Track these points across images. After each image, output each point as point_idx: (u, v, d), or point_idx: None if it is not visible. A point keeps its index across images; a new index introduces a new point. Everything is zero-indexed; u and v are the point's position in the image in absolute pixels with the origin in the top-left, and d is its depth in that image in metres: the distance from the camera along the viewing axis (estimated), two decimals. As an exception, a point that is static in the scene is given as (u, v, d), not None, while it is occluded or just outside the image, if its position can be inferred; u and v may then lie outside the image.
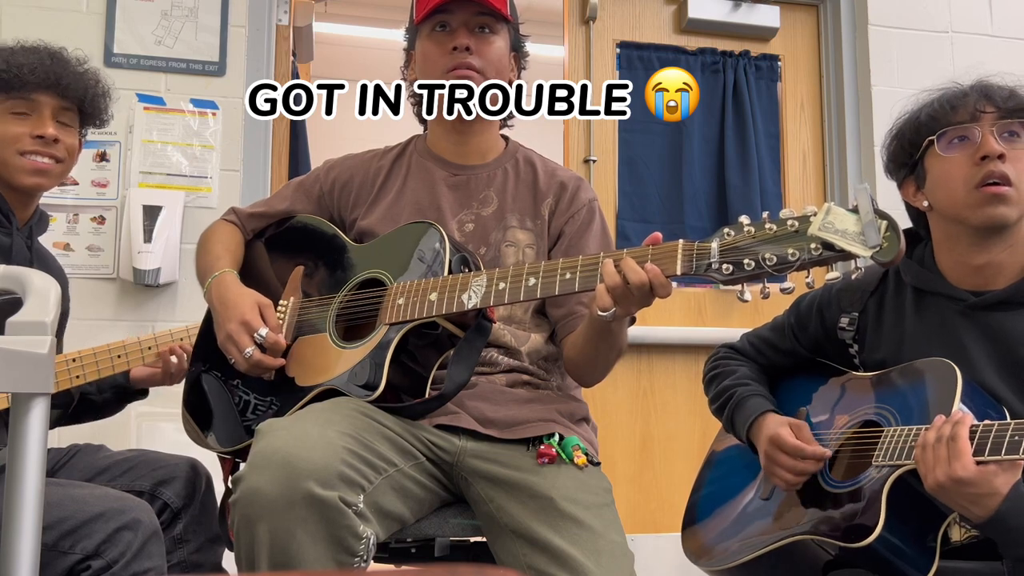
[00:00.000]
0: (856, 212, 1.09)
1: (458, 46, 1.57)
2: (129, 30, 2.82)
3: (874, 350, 1.53)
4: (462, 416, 1.44)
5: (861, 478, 1.39)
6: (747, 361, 1.70)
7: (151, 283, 2.66)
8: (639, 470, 3.11)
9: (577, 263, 1.28)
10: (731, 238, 1.16)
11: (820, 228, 1.09)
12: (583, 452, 1.43)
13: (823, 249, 1.09)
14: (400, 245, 1.50)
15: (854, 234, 1.08)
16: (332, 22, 4.47)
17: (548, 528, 1.32)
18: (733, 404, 1.62)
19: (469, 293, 1.35)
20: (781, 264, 1.12)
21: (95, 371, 1.73)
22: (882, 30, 3.29)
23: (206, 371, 1.62)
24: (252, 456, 1.24)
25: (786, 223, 1.12)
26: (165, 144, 2.80)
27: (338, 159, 1.74)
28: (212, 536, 1.65)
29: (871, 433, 1.43)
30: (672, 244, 1.21)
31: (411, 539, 1.46)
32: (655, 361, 3.19)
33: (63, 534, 1.37)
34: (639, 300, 1.24)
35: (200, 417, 1.59)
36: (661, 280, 1.21)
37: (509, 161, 1.67)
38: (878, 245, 1.07)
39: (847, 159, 3.29)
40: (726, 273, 1.15)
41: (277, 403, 1.48)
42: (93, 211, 2.74)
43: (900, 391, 1.44)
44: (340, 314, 1.50)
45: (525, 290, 1.31)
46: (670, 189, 3.26)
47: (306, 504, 1.17)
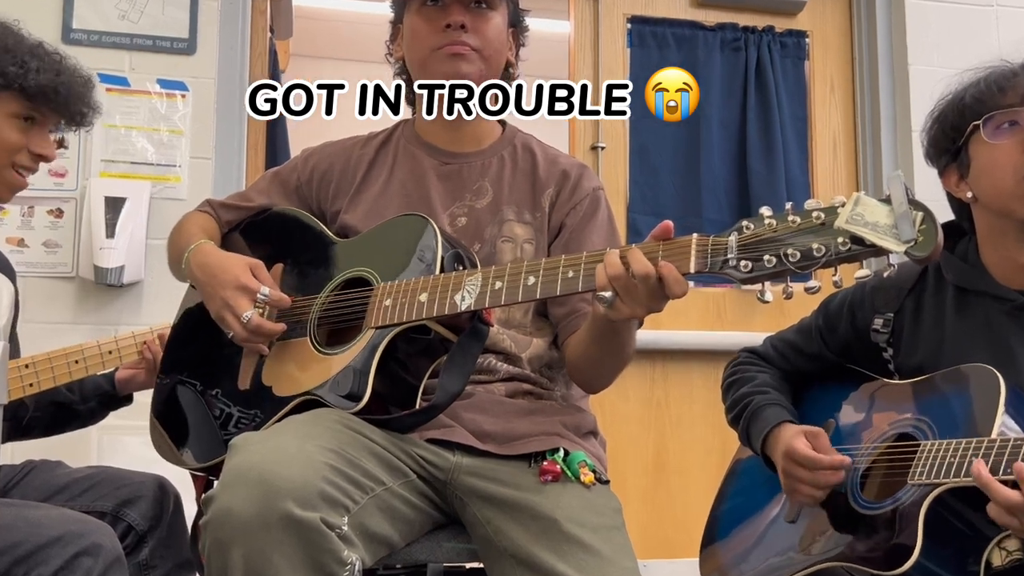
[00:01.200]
0: (888, 203, 1.08)
1: (452, 23, 1.57)
2: (90, 4, 2.81)
3: (911, 354, 1.52)
4: (457, 430, 1.43)
5: (895, 499, 1.37)
6: (769, 367, 1.70)
7: (114, 282, 2.66)
8: (652, 489, 3.11)
9: (580, 260, 1.28)
10: (750, 232, 1.15)
11: (848, 220, 1.08)
12: (590, 469, 1.43)
13: (852, 244, 1.08)
14: (388, 241, 1.50)
15: (886, 227, 1.07)
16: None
17: (551, 553, 1.31)
18: (749, 414, 1.61)
19: (463, 293, 1.34)
20: (805, 260, 1.11)
21: (50, 378, 1.73)
22: (920, 4, 3.29)
23: (179, 380, 1.62)
24: (225, 473, 1.23)
25: (811, 215, 1.11)
26: (129, 129, 2.80)
27: (317, 147, 1.74)
28: (181, 561, 1.65)
29: (906, 448, 1.41)
30: (685, 239, 1.20)
31: (400, 565, 1.45)
32: (670, 368, 3.19)
33: (16, 560, 1.37)
34: (646, 296, 1.22)
35: (172, 430, 1.59)
36: (675, 275, 1.19)
37: (506, 148, 1.66)
38: (912, 239, 1.06)
39: (881, 145, 3.29)
40: (744, 271, 1.14)
41: (253, 414, 1.48)
42: (50, 203, 2.74)
43: (937, 401, 1.43)
44: (322, 316, 1.50)
45: (524, 290, 1.31)
46: (686, 178, 3.26)
47: (283, 526, 1.17)
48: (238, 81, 2.94)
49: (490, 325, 1.45)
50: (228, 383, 1.55)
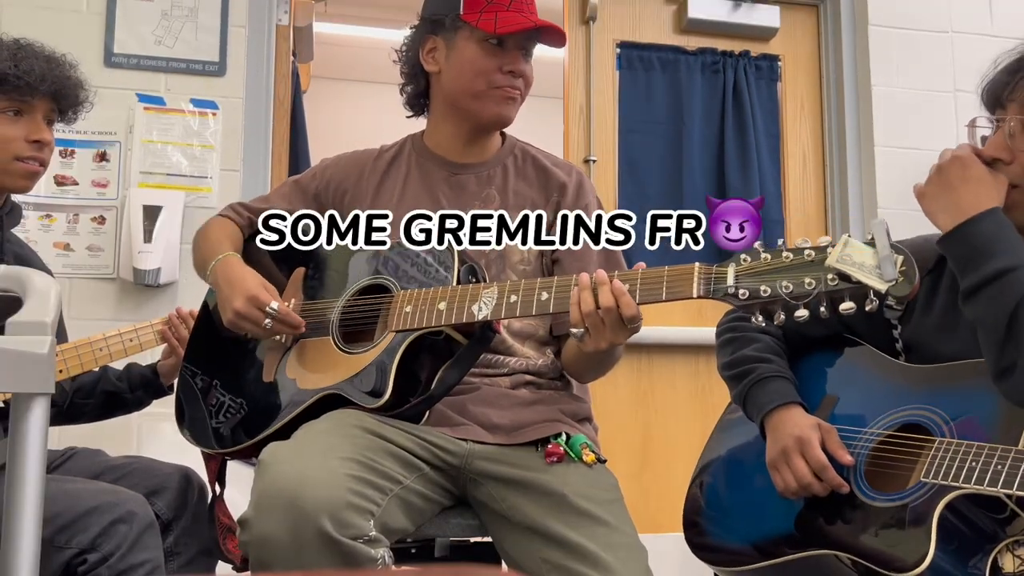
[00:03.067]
0: (873, 245, 1.11)
1: (515, 71, 1.56)
2: (129, 30, 2.81)
3: (918, 332, 1.40)
4: (469, 427, 1.44)
5: (905, 494, 1.25)
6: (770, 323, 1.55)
7: (151, 283, 2.66)
8: (639, 470, 3.11)
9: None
10: (747, 264, 1.17)
11: (838, 260, 1.10)
12: (591, 450, 1.45)
13: (840, 280, 1.11)
14: (406, 251, 1.49)
15: (871, 267, 1.10)
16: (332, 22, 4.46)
17: (563, 524, 1.32)
18: (752, 380, 1.47)
19: (479, 304, 1.35)
20: (798, 293, 1.13)
21: (77, 365, 1.72)
22: (882, 30, 3.29)
23: (205, 371, 1.61)
24: (257, 496, 1.23)
25: (803, 252, 1.14)
26: (165, 144, 2.80)
27: (333, 158, 1.73)
28: (204, 548, 1.62)
29: (915, 440, 1.29)
30: (687, 268, 1.22)
31: (411, 539, 1.45)
32: (655, 361, 3.19)
33: (58, 529, 1.37)
34: (610, 331, 1.25)
35: (195, 418, 1.58)
36: (626, 300, 1.23)
37: (508, 157, 1.66)
38: (894, 279, 1.08)
39: (847, 159, 3.28)
40: (743, 298, 1.16)
41: (278, 405, 1.48)
42: (93, 211, 2.74)
43: (954, 394, 1.30)
44: (343, 318, 1.50)
45: (537, 304, 1.32)
46: (670, 189, 3.26)
47: (318, 545, 1.17)
48: (264, 100, 2.94)
49: (497, 332, 1.46)
50: (253, 375, 1.54)
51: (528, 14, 1.55)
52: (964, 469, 1.18)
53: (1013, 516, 1.19)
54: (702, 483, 1.59)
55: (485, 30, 1.54)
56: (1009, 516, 1.19)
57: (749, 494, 1.49)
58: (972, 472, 1.17)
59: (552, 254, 1.58)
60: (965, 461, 1.18)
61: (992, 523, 1.19)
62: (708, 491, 1.57)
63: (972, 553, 1.19)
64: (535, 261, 1.57)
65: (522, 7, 1.55)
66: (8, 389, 0.81)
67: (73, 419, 1.85)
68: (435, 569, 1.02)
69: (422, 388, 1.41)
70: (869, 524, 1.27)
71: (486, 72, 1.55)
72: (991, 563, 1.18)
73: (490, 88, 1.56)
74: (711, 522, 1.54)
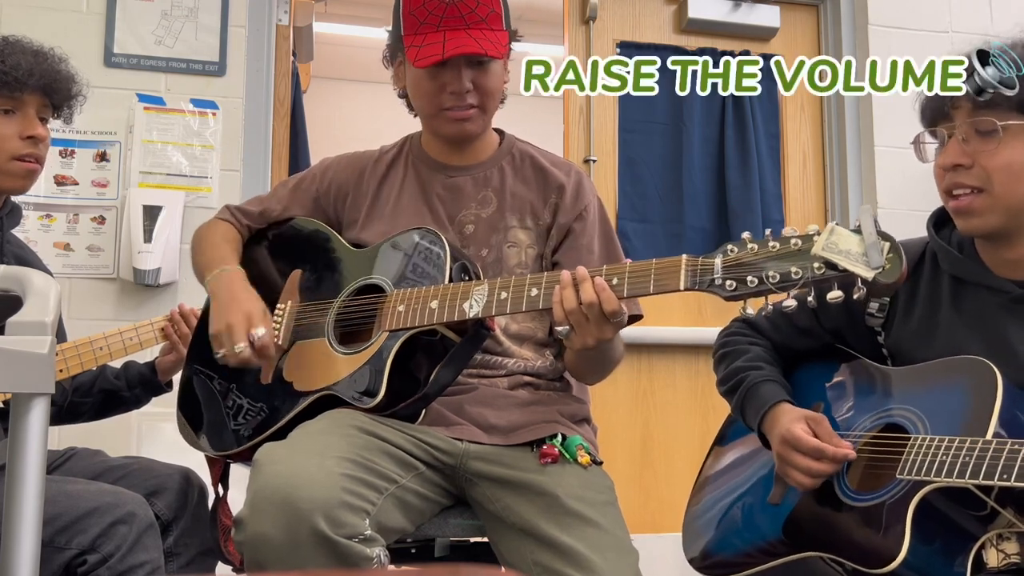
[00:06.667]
0: (859, 233, 1.10)
1: (456, 91, 1.51)
2: (129, 30, 2.81)
3: (902, 339, 1.41)
4: (465, 428, 1.44)
5: (882, 492, 1.26)
6: (760, 338, 1.56)
7: (151, 283, 2.66)
8: (639, 470, 3.11)
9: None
10: (734, 254, 1.16)
11: (824, 248, 1.10)
12: (587, 451, 1.44)
13: (826, 268, 1.10)
14: (399, 251, 1.49)
15: (857, 255, 1.09)
16: (332, 22, 4.47)
17: (555, 526, 1.32)
18: (744, 390, 1.48)
19: (471, 302, 1.35)
20: (784, 282, 1.12)
21: (78, 364, 1.72)
22: (882, 30, 3.29)
23: (203, 373, 1.61)
24: (252, 496, 1.24)
25: (789, 241, 1.13)
26: (165, 144, 2.80)
27: (333, 159, 1.72)
28: (204, 549, 1.62)
29: (896, 440, 1.29)
30: (675, 260, 1.21)
31: (411, 539, 1.45)
32: (655, 361, 3.18)
33: (58, 530, 1.37)
34: (595, 327, 1.25)
35: (194, 420, 1.59)
36: (607, 295, 1.23)
37: (505, 158, 1.64)
38: (880, 266, 1.08)
39: (847, 160, 3.28)
40: (730, 289, 1.16)
41: (275, 407, 1.48)
42: (93, 211, 2.74)
43: (930, 393, 1.31)
44: (338, 320, 1.50)
45: (527, 301, 1.31)
46: (670, 189, 3.26)
47: (313, 543, 1.18)
48: (264, 100, 2.94)
49: (491, 330, 1.45)
50: (250, 378, 1.54)
51: (456, 35, 1.47)
52: (935, 463, 1.19)
53: (994, 513, 1.18)
54: (699, 500, 1.63)
55: (410, 60, 1.51)
56: (990, 514, 1.19)
57: (740, 504, 1.52)
58: (943, 466, 1.17)
59: (552, 257, 1.58)
60: (936, 456, 1.19)
61: (973, 520, 1.20)
62: (702, 507, 1.60)
63: (954, 550, 1.20)
64: (532, 264, 1.57)
65: (455, 22, 1.48)
66: (8, 389, 0.81)
67: (72, 418, 1.85)
68: (433, 569, 1.03)
69: (417, 387, 1.41)
70: (850, 524, 1.29)
71: (431, 95, 1.53)
72: (973, 558, 1.18)
73: (439, 111, 1.54)
74: (706, 535, 1.56)
